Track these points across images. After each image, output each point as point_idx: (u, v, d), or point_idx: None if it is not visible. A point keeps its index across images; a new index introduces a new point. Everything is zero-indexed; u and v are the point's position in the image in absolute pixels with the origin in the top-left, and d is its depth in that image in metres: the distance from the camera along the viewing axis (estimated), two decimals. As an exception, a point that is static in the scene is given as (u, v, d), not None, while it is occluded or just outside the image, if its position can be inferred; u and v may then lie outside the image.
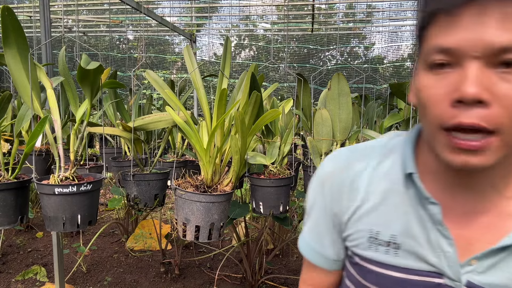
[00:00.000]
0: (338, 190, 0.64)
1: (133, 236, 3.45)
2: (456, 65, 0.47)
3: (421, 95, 0.50)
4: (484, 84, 0.45)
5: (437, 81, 0.48)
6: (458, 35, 0.46)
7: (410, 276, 0.57)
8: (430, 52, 0.49)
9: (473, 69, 0.45)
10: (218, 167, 1.49)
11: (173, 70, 7.20)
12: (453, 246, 0.55)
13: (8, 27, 1.34)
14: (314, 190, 0.69)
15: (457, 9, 0.46)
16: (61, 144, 1.48)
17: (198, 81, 1.57)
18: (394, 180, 0.60)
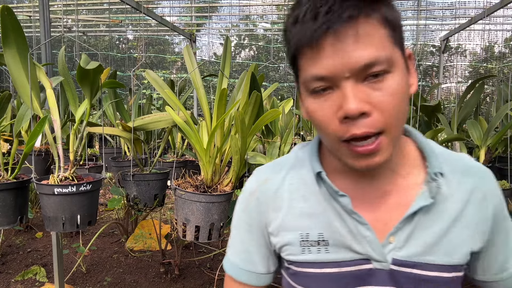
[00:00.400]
0: (263, 202, 0.69)
1: (132, 236, 3.45)
2: (334, 87, 0.54)
3: (313, 117, 0.58)
4: (361, 98, 0.53)
5: (322, 104, 0.56)
6: (326, 63, 0.53)
7: (343, 268, 0.62)
8: (308, 81, 0.56)
9: (349, 88, 0.53)
10: (218, 167, 1.49)
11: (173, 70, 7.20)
12: (371, 230, 0.61)
13: (8, 27, 1.33)
14: (240, 210, 0.73)
15: (316, 41, 0.52)
16: (60, 144, 1.48)
17: (198, 81, 1.56)
18: (309, 183, 0.67)
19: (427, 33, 5.56)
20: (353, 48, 0.52)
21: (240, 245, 0.72)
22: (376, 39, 0.53)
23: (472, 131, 2.11)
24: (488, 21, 4.74)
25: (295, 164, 0.70)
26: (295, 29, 0.55)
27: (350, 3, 0.51)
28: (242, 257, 0.72)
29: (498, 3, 2.90)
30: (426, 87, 4.82)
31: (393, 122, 0.55)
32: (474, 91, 2.38)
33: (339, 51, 0.52)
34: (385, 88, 0.53)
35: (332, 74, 0.53)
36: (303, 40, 0.54)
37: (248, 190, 0.72)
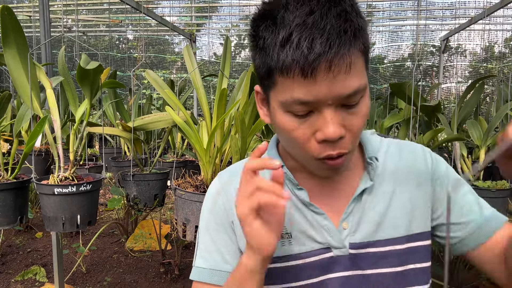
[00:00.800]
0: (228, 201, 0.72)
1: (132, 236, 3.45)
2: (315, 110, 0.57)
3: (289, 134, 0.60)
4: (338, 122, 0.56)
5: (301, 124, 0.59)
6: (314, 91, 0.55)
7: (307, 260, 0.66)
8: (289, 103, 0.57)
9: (330, 114, 0.56)
10: (218, 167, 1.49)
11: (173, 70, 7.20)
12: (328, 219, 0.67)
13: (8, 27, 1.33)
14: (207, 212, 0.74)
15: (311, 70, 0.53)
16: (60, 144, 1.48)
17: (198, 81, 1.56)
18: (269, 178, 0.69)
19: (427, 33, 5.56)
20: (343, 79, 0.54)
21: (211, 245, 0.72)
22: (358, 69, 0.56)
23: (472, 131, 2.11)
24: (488, 21, 4.74)
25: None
26: (284, 51, 0.55)
27: (347, 37, 0.53)
28: (215, 256, 0.71)
29: (498, 3, 2.90)
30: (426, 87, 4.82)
31: (357, 140, 0.61)
32: (474, 91, 2.37)
33: (330, 81, 0.54)
34: (358, 112, 0.58)
35: (317, 100, 0.55)
36: (296, 65, 0.54)
37: (213, 190, 0.75)
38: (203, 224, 0.74)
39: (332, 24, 0.53)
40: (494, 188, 1.73)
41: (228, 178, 0.75)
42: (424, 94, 3.37)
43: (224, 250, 0.71)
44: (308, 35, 0.53)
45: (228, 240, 0.72)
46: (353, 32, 0.53)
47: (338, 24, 0.53)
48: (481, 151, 2.08)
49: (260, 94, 0.69)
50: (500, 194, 1.72)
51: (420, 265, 0.68)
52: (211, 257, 0.72)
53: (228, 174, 0.76)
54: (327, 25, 0.53)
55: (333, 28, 0.53)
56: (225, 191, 0.73)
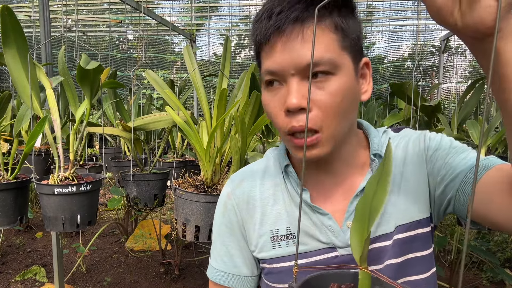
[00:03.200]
0: (239, 203, 0.73)
1: (132, 236, 3.44)
2: (283, 82, 0.59)
3: (266, 109, 0.63)
4: (303, 94, 0.57)
5: (272, 97, 0.61)
6: (277, 59, 0.58)
7: (311, 258, 0.67)
8: (264, 74, 0.61)
9: (293, 84, 0.57)
10: (218, 167, 1.49)
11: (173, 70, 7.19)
12: (332, 219, 0.66)
13: (8, 27, 1.33)
14: (220, 215, 0.75)
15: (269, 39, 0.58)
16: (60, 144, 1.48)
17: (198, 81, 1.56)
18: (277, 180, 0.72)
19: (427, 33, 5.56)
20: (299, 48, 0.56)
21: (223, 248, 0.74)
22: (322, 42, 0.57)
23: (472, 131, 2.11)
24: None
25: (267, 165, 0.76)
26: (255, 27, 0.61)
27: (300, 6, 0.56)
28: (225, 260, 0.74)
29: (498, 3, 2.89)
30: (426, 87, 4.82)
31: (330, 120, 0.59)
32: (474, 91, 2.37)
33: (287, 49, 0.57)
34: (326, 88, 0.57)
35: (281, 69, 0.58)
36: (260, 37, 0.59)
37: (225, 194, 0.76)
38: (216, 228, 0.76)
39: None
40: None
41: (239, 182, 0.75)
42: (424, 94, 3.37)
43: (235, 253, 0.73)
44: (269, 8, 0.58)
45: (238, 243, 0.73)
46: (308, 4, 0.56)
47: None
48: (481, 151, 2.08)
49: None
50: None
51: (420, 254, 0.67)
52: (221, 260, 0.74)
53: (239, 178, 0.77)
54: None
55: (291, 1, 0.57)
56: (235, 195, 0.74)
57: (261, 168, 0.76)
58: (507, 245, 2.93)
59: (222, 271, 0.74)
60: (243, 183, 0.75)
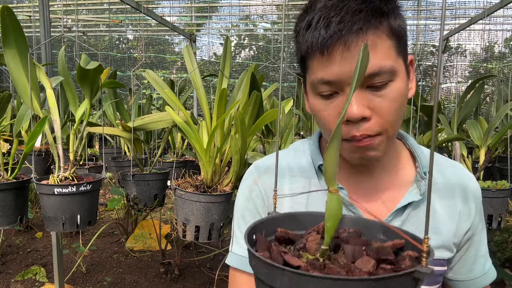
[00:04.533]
0: (266, 190, 0.72)
1: (132, 236, 3.44)
2: (339, 91, 0.58)
3: (318, 115, 0.63)
4: (363, 103, 0.56)
5: (327, 105, 0.60)
6: (334, 69, 0.57)
7: None
8: (316, 83, 0.60)
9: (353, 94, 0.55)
10: (218, 167, 1.49)
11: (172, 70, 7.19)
12: None
13: (8, 27, 1.33)
14: (242, 201, 0.75)
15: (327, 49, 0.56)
16: (60, 144, 1.48)
17: (198, 81, 1.56)
18: (310, 175, 0.71)
19: (427, 33, 5.56)
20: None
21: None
22: (381, 50, 0.56)
23: (472, 131, 2.11)
24: (488, 21, 4.74)
25: (295, 157, 0.74)
26: (307, 34, 0.58)
27: (361, 15, 0.55)
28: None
29: (498, 3, 2.90)
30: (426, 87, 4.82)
31: (390, 126, 0.59)
32: (474, 91, 2.37)
33: (347, 60, 0.55)
34: (386, 94, 0.57)
35: (339, 79, 0.57)
36: (315, 45, 0.57)
37: (250, 179, 0.75)
38: (239, 212, 0.75)
39: (349, 5, 0.55)
40: (494, 188, 1.72)
41: (264, 170, 0.75)
42: (424, 94, 3.37)
43: None
44: (326, 16, 0.56)
45: None
46: (369, 12, 0.55)
47: (355, 5, 0.55)
48: (481, 151, 2.08)
49: (303, 85, 0.69)
50: (500, 194, 1.71)
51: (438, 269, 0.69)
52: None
53: (265, 166, 0.75)
54: (344, 6, 0.55)
55: (350, 8, 0.55)
56: (263, 181, 0.73)
57: (290, 159, 0.75)
58: (507, 245, 2.93)
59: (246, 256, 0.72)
60: (269, 172, 0.74)
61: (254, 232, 0.44)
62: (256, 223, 0.45)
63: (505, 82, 2.86)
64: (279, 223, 0.46)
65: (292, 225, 0.47)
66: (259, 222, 0.46)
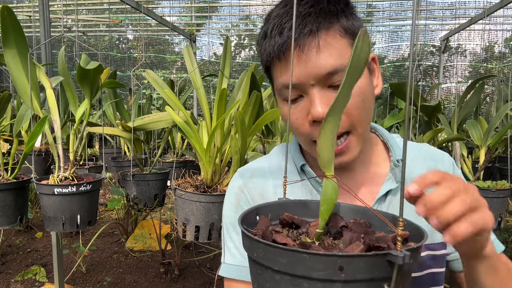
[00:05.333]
0: (252, 196, 0.73)
1: (132, 236, 3.44)
2: (303, 94, 0.60)
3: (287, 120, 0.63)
4: (326, 102, 0.58)
5: (294, 109, 0.62)
6: (294, 73, 0.58)
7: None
8: (280, 89, 0.62)
9: (315, 94, 0.58)
10: (218, 167, 1.49)
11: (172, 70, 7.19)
12: None
13: (8, 27, 1.33)
14: (230, 210, 0.74)
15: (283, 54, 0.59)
16: (60, 144, 1.48)
17: (198, 81, 1.56)
18: (293, 176, 0.72)
19: (427, 33, 5.56)
20: (315, 59, 0.57)
21: (240, 242, 0.72)
22: (336, 48, 0.58)
23: (472, 131, 2.11)
24: (488, 21, 4.73)
25: (278, 161, 0.76)
26: (264, 44, 0.61)
27: (311, 18, 0.57)
28: (243, 252, 0.71)
29: (498, 3, 2.90)
30: (426, 87, 4.82)
31: (357, 122, 0.60)
32: (474, 91, 2.37)
33: (303, 62, 0.57)
34: None
35: (299, 82, 0.59)
36: (272, 54, 0.60)
37: (236, 186, 0.75)
38: (228, 221, 0.74)
39: (299, 10, 0.57)
40: (494, 188, 1.73)
41: (249, 176, 0.75)
42: (424, 94, 3.37)
43: None
44: (279, 24, 0.59)
45: None
46: (318, 14, 0.57)
47: (304, 9, 0.58)
48: (481, 151, 2.08)
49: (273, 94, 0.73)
50: (500, 194, 1.71)
51: (437, 270, 0.70)
52: (240, 254, 0.72)
53: (249, 173, 0.76)
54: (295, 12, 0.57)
55: (300, 13, 0.57)
56: (248, 188, 0.73)
57: (272, 165, 0.76)
58: (507, 245, 2.93)
59: (240, 265, 0.71)
60: (254, 178, 0.74)
61: (258, 213, 0.45)
62: (261, 205, 0.47)
63: (505, 82, 2.86)
64: (288, 208, 0.47)
65: (303, 212, 0.47)
66: (264, 205, 0.47)
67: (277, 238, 0.38)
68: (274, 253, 0.33)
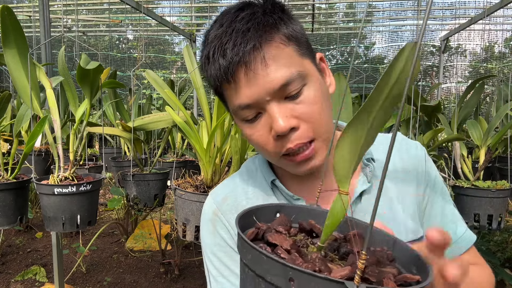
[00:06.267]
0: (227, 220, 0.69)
1: (132, 236, 3.44)
2: (261, 111, 0.58)
3: (251, 139, 0.62)
4: (287, 114, 0.56)
5: (255, 128, 0.60)
6: (245, 92, 0.56)
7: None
8: (237, 110, 0.60)
9: (274, 109, 0.57)
10: (218, 167, 1.49)
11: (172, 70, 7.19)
12: None
13: (8, 27, 1.33)
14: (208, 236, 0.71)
15: (231, 76, 0.56)
16: (60, 144, 1.48)
17: (198, 81, 1.56)
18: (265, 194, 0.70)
19: (427, 33, 5.55)
20: (265, 74, 0.55)
21: (225, 270, 0.69)
22: (283, 59, 0.56)
23: (472, 131, 2.11)
24: (488, 21, 4.74)
25: (249, 178, 0.73)
26: (209, 68, 0.59)
27: (250, 34, 0.55)
28: (232, 280, 0.68)
29: (498, 3, 2.90)
30: (426, 87, 4.82)
31: (320, 127, 0.59)
32: (474, 91, 2.37)
33: (252, 79, 0.55)
34: (304, 99, 0.57)
35: (254, 100, 0.57)
36: (219, 77, 0.57)
37: (210, 212, 0.72)
38: (208, 249, 0.71)
39: (237, 28, 0.55)
40: (494, 188, 1.73)
41: (222, 198, 0.72)
42: (424, 94, 3.37)
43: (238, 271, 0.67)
44: (219, 45, 0.56)
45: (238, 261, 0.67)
46: (257, 28, 0.55)
47: (242, 25, 0.56)
48: (481, 151, 2.08)
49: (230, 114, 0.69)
50: (500, 194, 1.71)
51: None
52: (228, 281, 0.68)
53: (221, 194, 0.73)
54: (233, 31, 0.55)
55: (238, 30, 0.55)
56: (222, 211, 0.70)
57: (244, 181, 0.73)
58: (507, 245, 2.93)
59: None
60: (228, 200, 0.71)
61: (279, 211, 0.46)
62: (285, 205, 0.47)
63: (505, 82, 2.86)
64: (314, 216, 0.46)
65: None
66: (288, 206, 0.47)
67: (270, 238, 0.38)
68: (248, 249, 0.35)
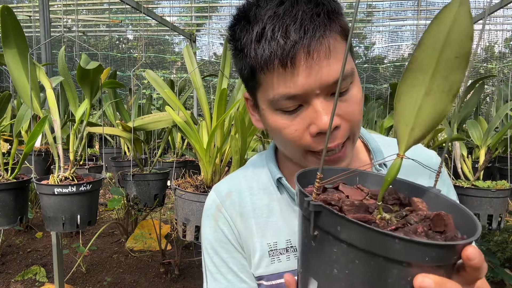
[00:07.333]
0: (231, 216, 0.68)
1: (132, 236, 3.44)
2: (304, 103, 0.54)
3: (283, 132, 0.57)
4: (330, 111, 0.53)
5: (292, 120, 0.56)
6: (299, 81, 0.52)
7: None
8: (279, 99, 0.54)
9: (321, 104, 0.53)
10: (218, 167, 1.49)
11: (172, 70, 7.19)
12: None
13: (8, 27, 1.33)
14: (209, 232, 0.70)
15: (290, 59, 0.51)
16: (60, 144, 1.48)
17: (198, 81, 1.56)
18: (271, 191, 0.68)
19: (427, 33, 5.55)
20: (326, 64, 0.51)
21: (223, 266, 0.68)
22: (340, 53, 0.53)
23: (472, 131, 2.11)
24: (488, 21, 4.73)
25: (254, 174, 0.71)
26: (260, 46, 0.52)
27: (320, 20, 0.51)
28: (229, 277, 0.67)
29: (498, 3, 2.90)
30: (426, 87, 4.79)
31: (357, 129, 0.58)
32: (474, 91, 2.37)
33: (313, 69, 0.51)
34: (351, 98, 0.55)
35: (304, 91, 0.52)
36: (274, 58, 0.51)
37: (213, 206, 0.70)
38: (209, 244, 0.69)
39: (304, 10, 0.51)
40: (494, 188, 1.73)
41: (227, 193, 0.70)
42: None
43: (237, 269, 0.67)
44: (281, 25, 0.51)
45: (239, 258, 0.68)
46: (326, 14, 0.51)
47: (310, 9, 0.51)
48: (481, 151, 2.08)
49: (249, 100, 0.64)
50: (500, 194, 1.71)
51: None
52: (224, 278, 0.67)
53: (226, 189, 0.71)
54: (298, 11, 0.51)
55: (305, 13, 0.51)
56: (226, 207, 0.69)
57: (248, 179, 0.71)
58: (507, 245, 2.93)
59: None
60: (232, 195, 0.69)
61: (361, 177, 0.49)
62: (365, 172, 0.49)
63: (505, 82, 2.86)
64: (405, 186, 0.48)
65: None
66: (371, 174, 0.49)
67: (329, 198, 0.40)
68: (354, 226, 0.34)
